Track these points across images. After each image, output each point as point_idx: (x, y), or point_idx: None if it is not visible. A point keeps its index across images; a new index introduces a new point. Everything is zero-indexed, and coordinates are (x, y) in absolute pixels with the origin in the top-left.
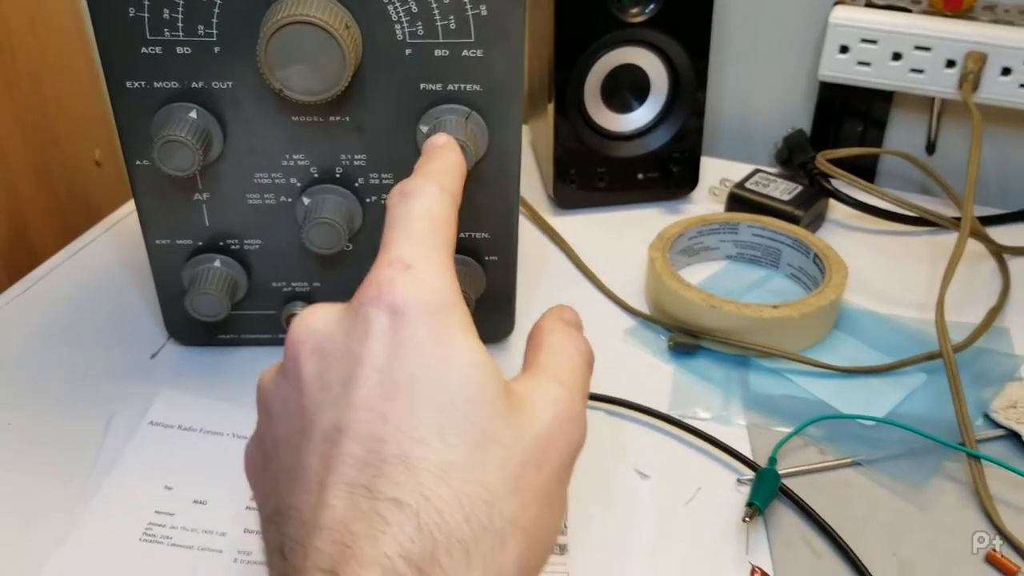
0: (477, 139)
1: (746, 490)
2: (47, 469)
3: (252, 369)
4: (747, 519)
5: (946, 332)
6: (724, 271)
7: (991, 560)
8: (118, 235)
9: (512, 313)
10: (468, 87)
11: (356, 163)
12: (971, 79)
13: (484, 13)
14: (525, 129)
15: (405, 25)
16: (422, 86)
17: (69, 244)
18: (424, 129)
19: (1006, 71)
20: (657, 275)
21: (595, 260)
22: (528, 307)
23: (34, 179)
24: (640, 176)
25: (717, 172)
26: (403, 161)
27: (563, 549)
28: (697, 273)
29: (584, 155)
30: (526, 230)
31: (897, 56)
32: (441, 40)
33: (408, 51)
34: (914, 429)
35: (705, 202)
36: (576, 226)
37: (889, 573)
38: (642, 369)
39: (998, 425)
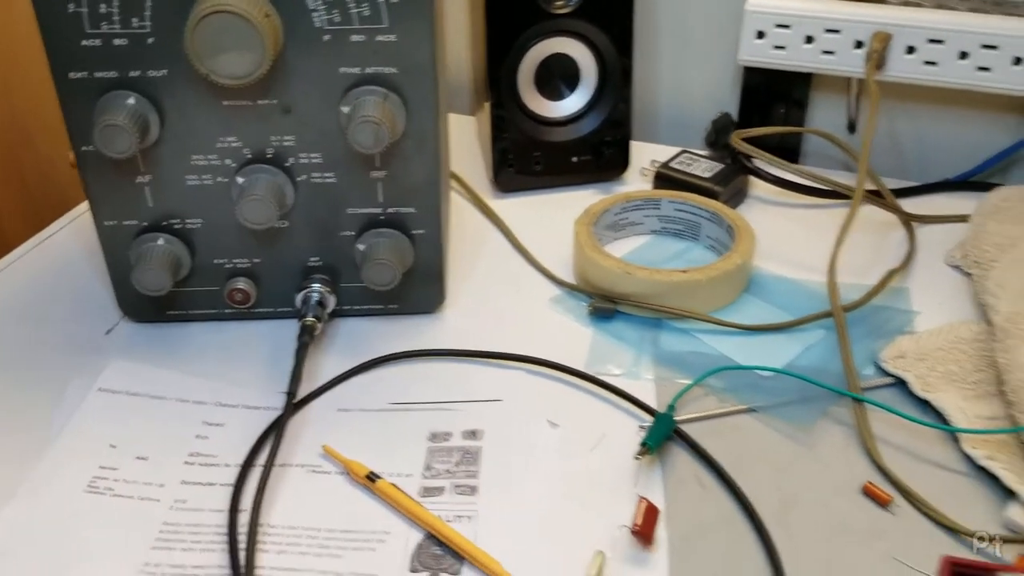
0: (395, 118)
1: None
2: (3, 430)
3: (198, 343)
4: (638, 457)
5: (836, 290)
6: (648, 244)
7: (867, 491)
8: (81, 224)
9: (442, 285)
10: (384, 70)
11: (286, 144)
12: (875, 58)
13: (395, 0)
14: (471, 120)
15: (322, 13)
16: (341, 70)
17: (37, 234)
18: (345, 110)
19: (910, 50)
20: (580, 247)
21: (529, 237)
22: (466, 281)
23: (3, 178)
24: (574, 159)
25: (651, 155)
26: (329, 140)
27: (473, 490)
28: (624, 247)
29: (521, 141)
30: (469, 213)
31: (809, 39)
32: (356, 26)
33: (326, 37)
34: (804, 377)
35: (636, 182)
36: (515, 207)
37: (771, 503)
38: (564, 333)
39: (887, 374)
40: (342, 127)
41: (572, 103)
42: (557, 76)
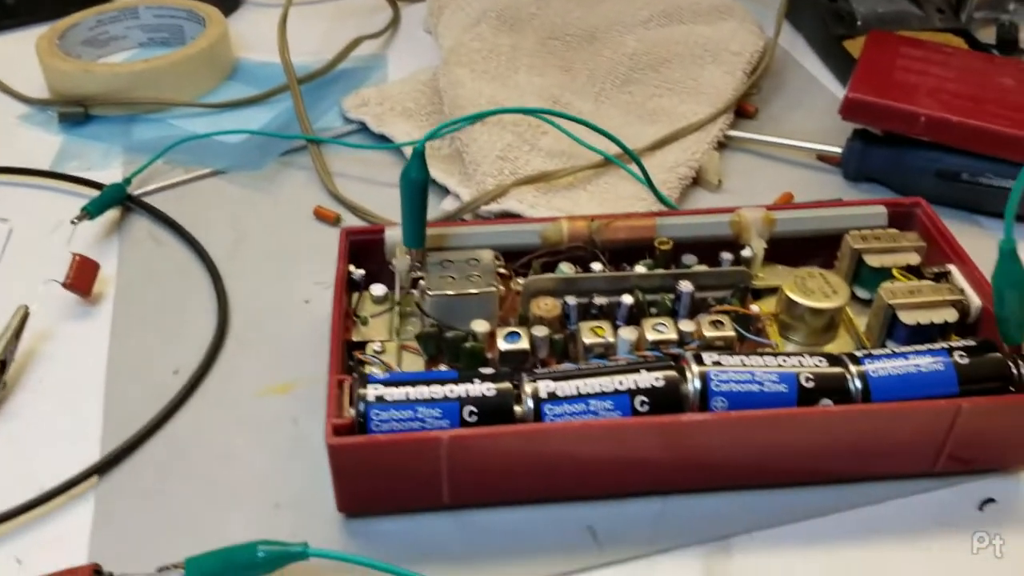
0: None
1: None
2: None
3: None
4: (75, 221)
5: (288, 56)
6: (137, 55)
7: (317, 214)
8: None
9: None
10: None
11: None
12: None
13: None
14: None
15: None
16: None
17: None
18: None
19: None
20: (41, 57)
21: None
22: None
23: None
24: None
25: None
26: None
27: None
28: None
29: None
30: None
31: None
32: None
33: None
34: (261, 132)
35: None
36: None
37: (224, 244)
38: (34, 145)
39: (352, 120)
40: None
41: None
42: None
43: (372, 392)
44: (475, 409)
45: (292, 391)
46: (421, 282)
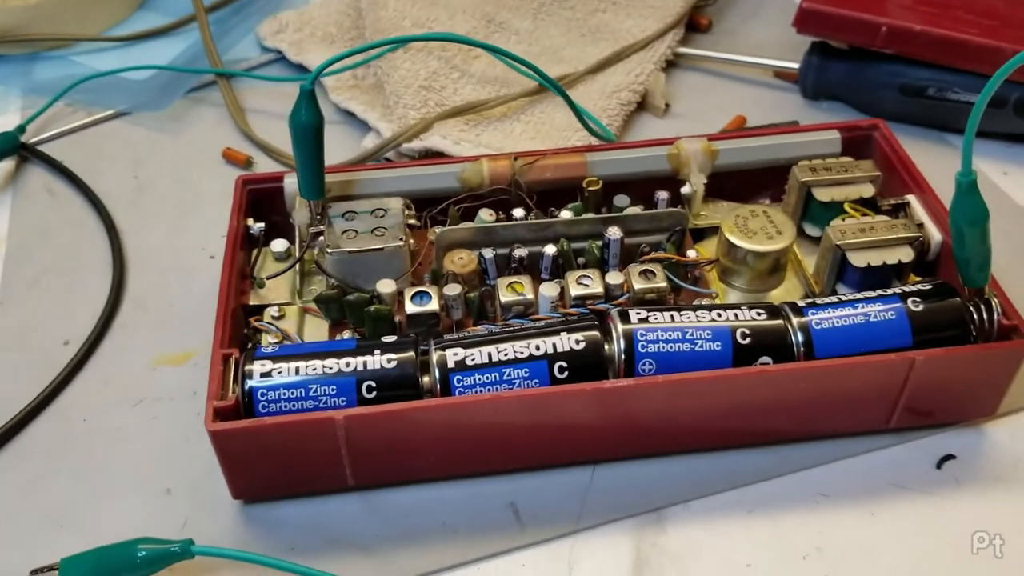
0: None
1: None
2: None
3: None
4: None
5: None
6: None
7: (226, 156)
8: None
9: None
10: None
11: None
12: None
13: None
14: None
15: None
16: None
17: None
18: None
19: None
20: None
21: None
22: None
23: None
24: None
25: None
26: None
27: None
28: None
29: None
30: None
31: None
32: None
33: None
34: (168, 67)
35: None
36: None
37: (126, 192)
38: None
39: (269, 49)
40: None
41: None
42: None
43: (259, 368)
44: (374, 384)
45: (191, 360)
46: (321, 238)
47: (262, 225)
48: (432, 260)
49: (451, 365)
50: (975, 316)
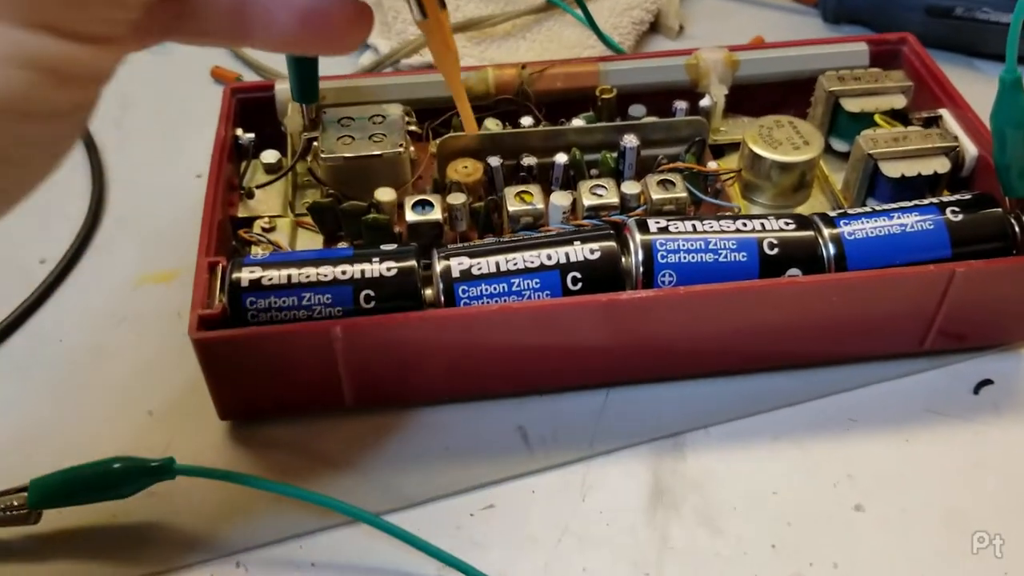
0: None
1: None
2: None
3: None
4: None
5: None
6: None
7: (214, 74)
8: None
9: None
10: None
11: None
12: None
13: None
14: None
15: None
16: None
17: None
18: None
19: None
20: None
21: None
22: None
23: None
24: None
25: None
26: None
27: None
28: None
29: None
30: None
31: None
32: None
33: None
34: None
35: None
36: None
37: (110, 109)
38: None
39: None
40: None
41: None
42: None
43: (247, 275)
44: (372, 293)
45: (176, 280)
46: (315, 144)
47: (252, 136)
48: (434, 172)
49: (456, 274)
50: (1016, 228)
